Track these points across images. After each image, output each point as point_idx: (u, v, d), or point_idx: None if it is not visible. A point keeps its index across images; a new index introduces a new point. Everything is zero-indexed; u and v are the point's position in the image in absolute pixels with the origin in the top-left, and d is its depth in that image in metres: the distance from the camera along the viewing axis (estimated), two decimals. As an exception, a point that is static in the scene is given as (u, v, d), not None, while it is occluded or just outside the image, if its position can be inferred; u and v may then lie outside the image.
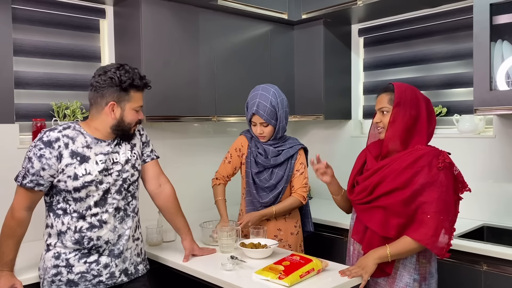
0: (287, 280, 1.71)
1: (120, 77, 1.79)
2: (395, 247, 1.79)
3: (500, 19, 2.34)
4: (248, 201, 2.41)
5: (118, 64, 1.85)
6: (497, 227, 2.61)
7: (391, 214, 1.81)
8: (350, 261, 2.03)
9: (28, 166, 1.75)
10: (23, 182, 1.76)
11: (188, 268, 2.00)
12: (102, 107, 1.82)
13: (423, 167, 1.78)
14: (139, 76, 1.86)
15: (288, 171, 2.36)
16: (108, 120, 1.83)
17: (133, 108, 1.86)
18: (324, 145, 3.58)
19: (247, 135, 2.46)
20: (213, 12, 2.88)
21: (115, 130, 1.86)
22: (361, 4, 2.83)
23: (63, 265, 1.81)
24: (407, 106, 1.83)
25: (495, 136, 2.69)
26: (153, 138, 2.94)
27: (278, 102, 2.30)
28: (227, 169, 2.46)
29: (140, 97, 1.89)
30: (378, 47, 3.35)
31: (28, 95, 2.54)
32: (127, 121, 1.86)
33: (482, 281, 2.21)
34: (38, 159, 1.73)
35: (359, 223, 1.95)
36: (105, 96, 1.81)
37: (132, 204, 1.95)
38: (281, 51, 3.30)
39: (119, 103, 1.82)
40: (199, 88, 2.83)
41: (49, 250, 1.84)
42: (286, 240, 2.41)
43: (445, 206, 1.77)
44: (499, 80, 2.33)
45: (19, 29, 2.49)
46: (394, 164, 1.84)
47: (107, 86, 1.79)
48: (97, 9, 2.75)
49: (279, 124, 2.32)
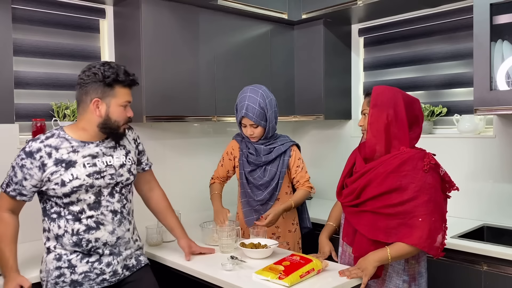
0: (287, 280, 1.71)
1: (104, 72, 1.75)
2: (395, 250, 1.78)
3: (500, 19, 2.34)
4: (244, 202, 2.43)
5: (104, 61, 1.83)
6: (497, 227, 2.61)
7: (379, 218, 1.82)
8: (340, 262, 2.03)
9: (11, 174, 1.77)
10: (7, 190, 1.79)
11: (188, 268, 2.00)
12: (87, 104, 1.78)
13: (409, 171, 1.78)
14: (124, 71, 1.81)
15: (280, 167, 2.38)
16: (94, 118, 1.79)
17: (120, 104, 1.81)
18: (324, 145, 3.58)
19: (237, 139, 2.50)
20: (213, 12, 2.87)
21: (102, 129, 1.81)
22: (361, 4, 2.83)
23: (66, 266, 1.80)
24: (383, 107, 1.83)
25: (495, 136, 2.69)
26: (153, 138, 2.96)
27: (267, 103, 2.32)
28: (220, 171, 2.54)
29: (126, 93, 1.83)
30: (378, 47, 3.34)
31: (28, 95, 2.54)
32: (114, 118, 1.81)
33: (482, 281, 2.21)
34: (20, 169, 1.74)
35: (349, 225, 1.96)
36: (89, 92, 1.77)
37: (128, 207, 1.94)
38: (281, 51, 3.30)
39: (103, 99, 1.77)
40: (199, 88, 2.83)
41: (50, 253, 1.83)
42: (284, 237, 2.42)
43: (435, 207, 1.77)
44: (499, 80, 2.33)
45: (19, 29, 2.49)
46: (380, 167, 1.84)
47: (90, 82, 1.76)
48: (97, 9, 2.75)
49: (269, 124, 2.34)
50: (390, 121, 1.83)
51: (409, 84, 3.16)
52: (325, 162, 3.55)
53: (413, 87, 3.15)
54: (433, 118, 2.97)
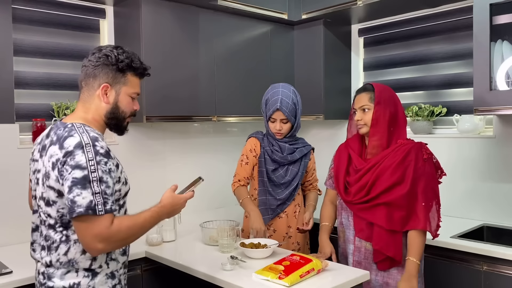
0: (287, 280, 1.71)
1: (117, 55, 1.54)
2: (415, 251, 1.89)
3: (500, 19, 2.34)
4: (261, 201, 2.40)
5: (116, 45, 1.63)
6: (497, 227, 2.61)
7: (394, 208, 1.91)
8: (354, 259, 2.04)
9: (102, 188, 1.41)
10: (107, 208, 1.41)
11: (188, 268, 2.00)
12: (94, 89, 1.54)
13: (411, 161, 1.92)
14: (139, 59, 1.61)
15: (302, 168, 2.42)
16: (102, 105, 1.55)
17: (129, 94, 1.59)
18: (324, 145, 3.57)
19: (257, 136, 2.47)
20: (213, 12, 2.88)
21: (109, 119, 1.58)
22: (361, 4, 2.83)
23: (118, 283, 1.58)
24: (386, 104, 1.96)
25: (495, 136, 2.69)
26: (153, 138, 2.97)
27: (298, 100, 2.37)
28: (246, 170, 2.42)
29: (138, 83, 1.62)
30: (378, 47, 3.35)
31: (28, 95, 2.55)
32: (122, 107, 1.59)
33: (482, 281, 2.21)
34: (109, 175, 1.44)
35: (361, 221, 2.00)
36: (98, 76, 1.53)
37: None
38: (281, 51, 3.30)
39: (113, 85, 1.55)
40: (199, 88, 2.83)
41: (96, 275, 1.51)
42: (295, 237, 2.42)
43: (433, 192, 1.94)
44: (499, 80, 2.33)
45: (19, 29, 2.49)
46: (386, 161, 1.95)
47: (101, 65, 1.53)
48: (97, 9, 2.75)
49: (297, 121, 2.38)
50: (392, 117, 1.97)
51: (409, 84, 3.16)
52: (325, 162, 3.54)
53: (413, 87, 3.15)
54: (433, 118, 2.97)
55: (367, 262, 2.00)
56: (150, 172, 2.93)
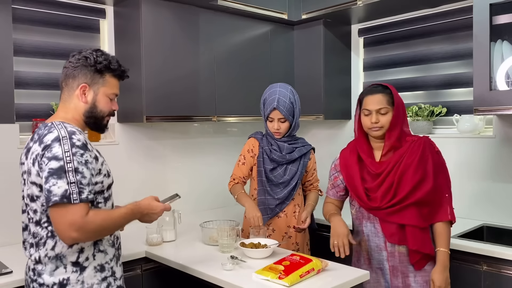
0: (287, 280, 1.71)
1: (96, 57, 1.61)
2: (445, 241, 1.95)
3: (500, 19, 2.34)
4: (260, 201, 2.41)
5: (97, 48, 1.69)
6: (497, 227, 2.61)
7: (422, 205, 1.93)
8: (389, 264, 1.99)
9: (78, 178, 1.46)
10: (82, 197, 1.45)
11: (188, 268, 2.00)
12: (74, 89, 1.61)
13: (428, 155, 1.96)
14: (117, 61, 1.68)
15: (301, 168, 2.42)
16: (80, 105, 1.62)
17: (107, 95, 1.65)
18: (324, 145, 3.57)
19: (256, 136, 2.49)
20: (213, 13, 2.88)
21: (87, 118, 1.64)
22: (361, 4, 2.83)
23: (110, 275, 1.62)
24: (399, 106, 1.98)
25: (495, 136, 2.69)
26: (153, 138, 2.97)
27: (296, 99, 2.38)
28: (242, 170, 2.45)
29: (116, 84, 1.68)
30: (378, 47, 3.35)
31: (28, 95, 2.55)
32: (100, 107, 1.64)
33: (482, 281, 2.21)
34: (85, 166, 1.49)
35: (390, 226, 1.96)
36: (77, 77, 1.61)
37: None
38: (281, 51, 3.30)
39: (91, 85, 1.62)
40: (199, 88, 2.83)
41: (85, 268, 1.55)
42: (295, 237, 2.42)
43: (448, 182, 2.01)
44: (499, 80, 2.33)
45: (19, 29, 2.49)
46: (405, 160, 1.95)
47: (80, 66, 1.60)
48: (97, 9, 2.75)
49: (295, 121, 2.39)
50: (404, 118, 2.01)
51: (409, 84, 3.17)
52: (325, 162, 3.54)
53: (413, 87, 3.15)
54: (432, 118, 2.97)
55: (403, 266, 1.98)
56: (150, 172, 2.93)
